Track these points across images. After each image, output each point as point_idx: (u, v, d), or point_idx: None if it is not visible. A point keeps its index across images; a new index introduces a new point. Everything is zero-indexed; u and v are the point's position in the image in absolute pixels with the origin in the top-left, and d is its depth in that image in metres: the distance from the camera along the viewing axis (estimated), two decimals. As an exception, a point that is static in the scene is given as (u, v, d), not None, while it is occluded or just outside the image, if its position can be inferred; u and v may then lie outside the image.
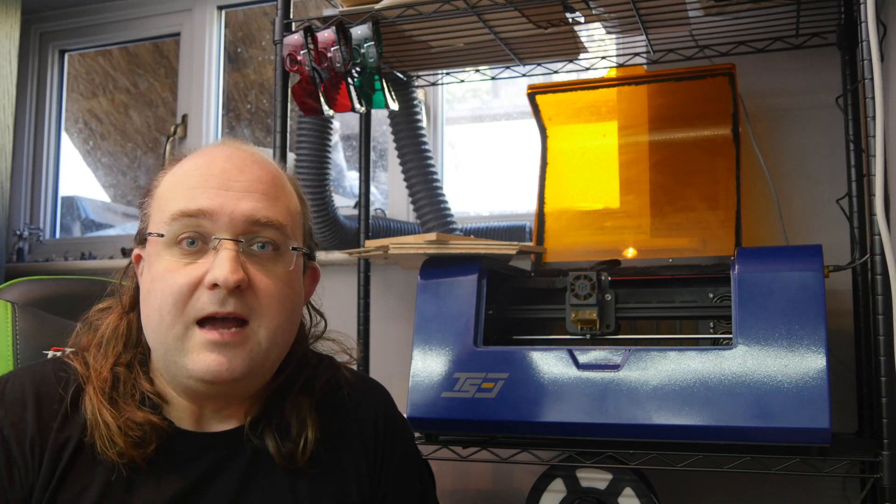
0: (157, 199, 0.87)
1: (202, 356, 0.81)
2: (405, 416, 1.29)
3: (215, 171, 0.85)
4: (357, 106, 1.52)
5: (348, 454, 0.95)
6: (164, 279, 0.82)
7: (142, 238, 0.88)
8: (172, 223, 0.83)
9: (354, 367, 1.03)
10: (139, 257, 0.89)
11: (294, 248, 0.88)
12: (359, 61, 1.49)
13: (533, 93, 1.68)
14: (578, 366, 1.23)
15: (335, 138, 2.09)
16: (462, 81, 1.91)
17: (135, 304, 0.90)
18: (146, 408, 0.84)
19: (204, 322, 0.82)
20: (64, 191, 2.75)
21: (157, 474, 0.83)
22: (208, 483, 0.85)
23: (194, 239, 0.83)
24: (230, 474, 0.86)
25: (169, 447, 0.84)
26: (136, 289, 0.90)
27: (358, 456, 0.95)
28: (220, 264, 0.81)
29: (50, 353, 1.04)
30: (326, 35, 1.47)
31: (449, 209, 1.93)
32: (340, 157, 2.55)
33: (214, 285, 0.81)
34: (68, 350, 0.92)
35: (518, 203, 2.23)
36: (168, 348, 0.82)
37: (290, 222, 0.88)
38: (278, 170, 0.92)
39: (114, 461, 0.81)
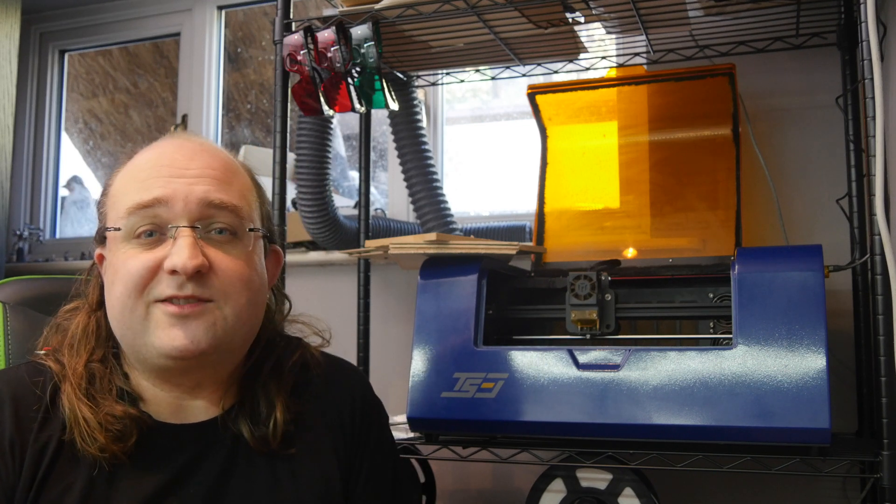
0: (111, 197, 0.89)
1: (166, 332, 0.82)
2: (405, 415, 1.30)
3: (165, 162, 0.87)
4: (357, 106, 1.52)
5: (326, 435, 0.95)
6: (124, 267, 0.84)
7: (101, 237, 0.89)
8: (129, 217, 0.84)
9: (328, 349, 1.03)
10: (101, 257, 0.90)
11: (251, 230, 0.89)
12: (359, 61, 1.49)
13: (533, 93, 1.68)
14: (578, 366, 1.23)
15: (337, 129, 2.08)
16: (462, 81, 1.91)
17: (102, 303, 0.91)
18: (124, 401, 0.85)
19: (162, 301, 0.83)
20: (64, 191, 2.76)
21: (138, 468, 0.84)
22: (190, 473, 0.86)
23: (152, 230, 0.84)
24: (211, 463, 0.87)
25: (149, 440, 0.85)
26: (102, 287, 0.91)
27: (336, 436, 0.96)
28: (179, 251, 0.82)
29: (42, 353, 1.04)
30: (326, 35, 1.47)
31: (449, 209, 1.93)
32: (341, 147, 2.54)
33: (174, 271, 0.82)
34: (41, 352, 0.92)
35: (518, 203, 2.23)
36: (134, 332, 0.84)
37: (245, 205, 0.90)
38: (229, 156, 0.93)
39: (95, 457, 0.81)
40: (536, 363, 1.26)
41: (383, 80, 1.54)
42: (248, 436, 0.89)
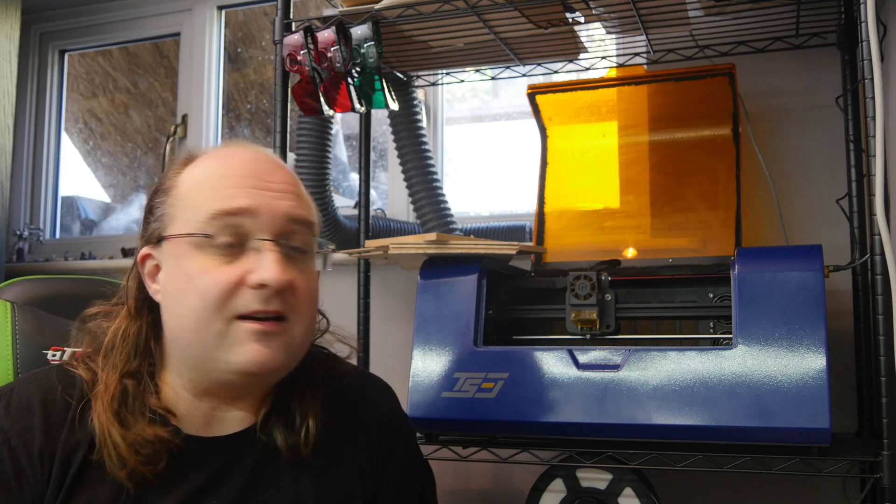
0: (180, 199, 0.86)
1: (247, 347, 0.82)
2: (405, 415, 1.30)
3: (248, 172, 0.85)
4: (357, 106, 1.52)
5: (353, 449, 0.95)
6: (202, 278, 0.82)
7: (156, 238, 0.87)
8: (211, 222, 0.82)
9: (355, 359, 1.03)
10: (148, 257, 0.88)
11: (320, 249, 0.90)
12: (359, 61, 1.49)
13: (533, 93, 1.68)
14: (578, 366, 1.23)
15: (339, 134, 2.08)
16: (462, 81, 1.91)
17: (142, 308, 0.88)
18: (156, 422, 0.83)
19: (244, 318, 0.82)
20: (64, 191, 2.76)
21: (165, 481, 0.83)
22: (216, 485, 0.85)
23: (233, 241, 0.83)
24: (237, 475, 0.87)
25: (177, 455, 0.84)
26: (140, 291, 0.89)
27: (362, 452, 0.96)
28: (269, 265, 0.82)
29: (50, 353, 1.04)
30: (326, 35, 1.47)
31: (449, 209, 1.93)
32: (343, 152, 2.55)
33: (261, 285, 0.81)
34: (68, 352, 0.91)
35: (518, 203, 2.23)
36: (207, 346, 0.82)
37: (315, 223, 0.91)
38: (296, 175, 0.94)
39: (123, 478, 0.80)
40: (536, 363, 1.26)
41: (383, 80, 1.54)
42: (283, 444, 0.88)
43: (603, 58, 1.74)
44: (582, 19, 1.54)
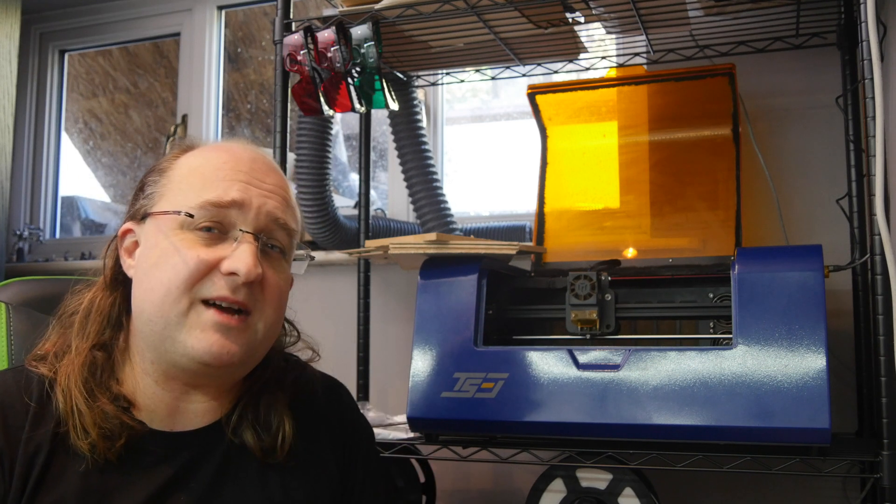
0: (173, 181, 0.88)
1: (206, 335, 0.82)
2: (405, 415, 1.30)
3: (243, 168, 0.88)
4: (357, 106, 1.52)
5: (318, 450, 0.96)
6: (178, 255, 0.83)
7: (141, 215, 0.88)
8: (201, 210, 0.84)
9: (317, 363, 1.04)
10: (129, 232, 0.90)
11: (308, 258, 0.94)
12: (359, 61, 1.49)
13: (533, 93, 1.68)
14: (578, 366, 1.23)
15: (339, 134, 2.08)
16: (462, 81, 1.91)
17: (115, 282, 0.90)
18: (119, 403, 0.84)
19: (209, 304, 0.83)
20: (64, 191, 2.76)
21: (131, 476, 0.83)
22: (183, 480, 0.85)
23: (214, 227, 0.85)
24: (205, 470, 0.87)
25: (142, 447, 0.84)
26: (116, 265, 0.90)
27: (327, 451, 0.97)
28: (243, 256, 0.83)
29: (35, 359, 1.03)
30: (326, 35, 1.47)
31: (449, 209, 1.93)
32: (342, 152, 2.55)
33: (232, 273, 0.83)
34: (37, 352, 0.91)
35: (518, 203, 2.23)
36: (168, 323, 0.83)
37: (297, 232, 0.93)
38: (288, 182, 0.96)
39: (86, 456, 0.81)
40: (536, 363, 1.26)
41: (383, 80, 1.54)
42: (254, 445, 0.89)
43: (603, 58, 1.74)
44: (582, 19, 1.54)
